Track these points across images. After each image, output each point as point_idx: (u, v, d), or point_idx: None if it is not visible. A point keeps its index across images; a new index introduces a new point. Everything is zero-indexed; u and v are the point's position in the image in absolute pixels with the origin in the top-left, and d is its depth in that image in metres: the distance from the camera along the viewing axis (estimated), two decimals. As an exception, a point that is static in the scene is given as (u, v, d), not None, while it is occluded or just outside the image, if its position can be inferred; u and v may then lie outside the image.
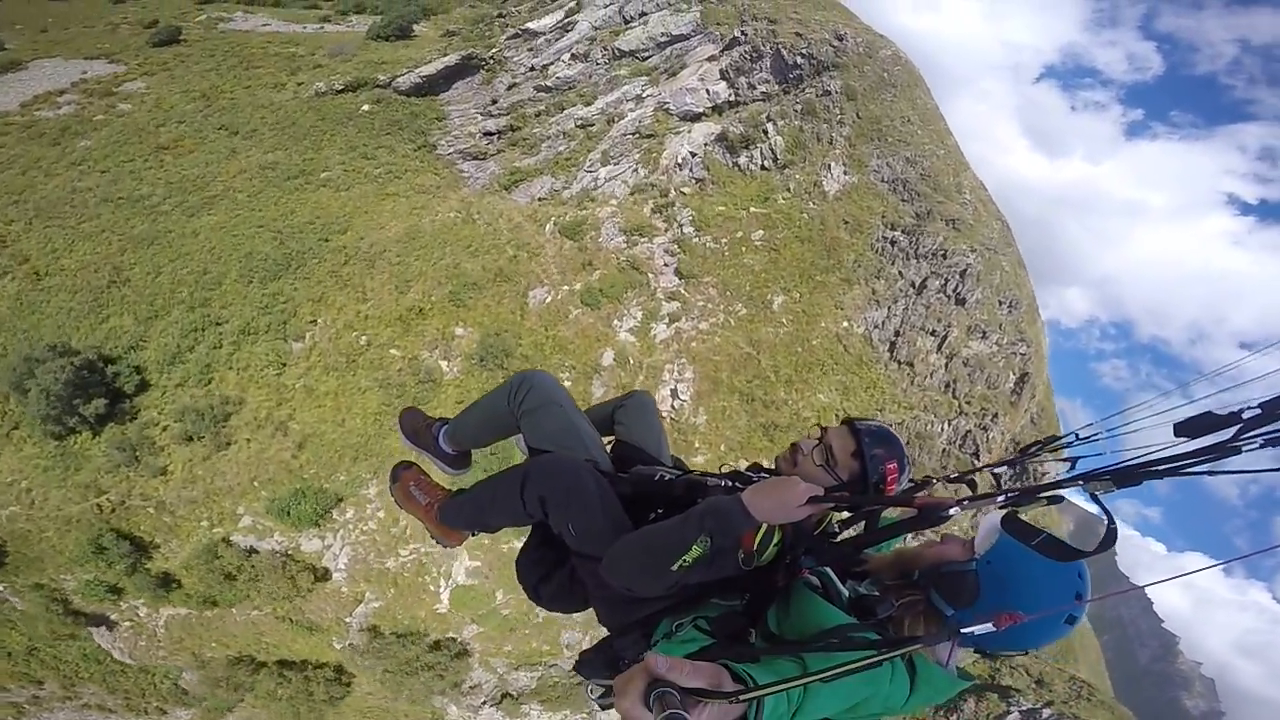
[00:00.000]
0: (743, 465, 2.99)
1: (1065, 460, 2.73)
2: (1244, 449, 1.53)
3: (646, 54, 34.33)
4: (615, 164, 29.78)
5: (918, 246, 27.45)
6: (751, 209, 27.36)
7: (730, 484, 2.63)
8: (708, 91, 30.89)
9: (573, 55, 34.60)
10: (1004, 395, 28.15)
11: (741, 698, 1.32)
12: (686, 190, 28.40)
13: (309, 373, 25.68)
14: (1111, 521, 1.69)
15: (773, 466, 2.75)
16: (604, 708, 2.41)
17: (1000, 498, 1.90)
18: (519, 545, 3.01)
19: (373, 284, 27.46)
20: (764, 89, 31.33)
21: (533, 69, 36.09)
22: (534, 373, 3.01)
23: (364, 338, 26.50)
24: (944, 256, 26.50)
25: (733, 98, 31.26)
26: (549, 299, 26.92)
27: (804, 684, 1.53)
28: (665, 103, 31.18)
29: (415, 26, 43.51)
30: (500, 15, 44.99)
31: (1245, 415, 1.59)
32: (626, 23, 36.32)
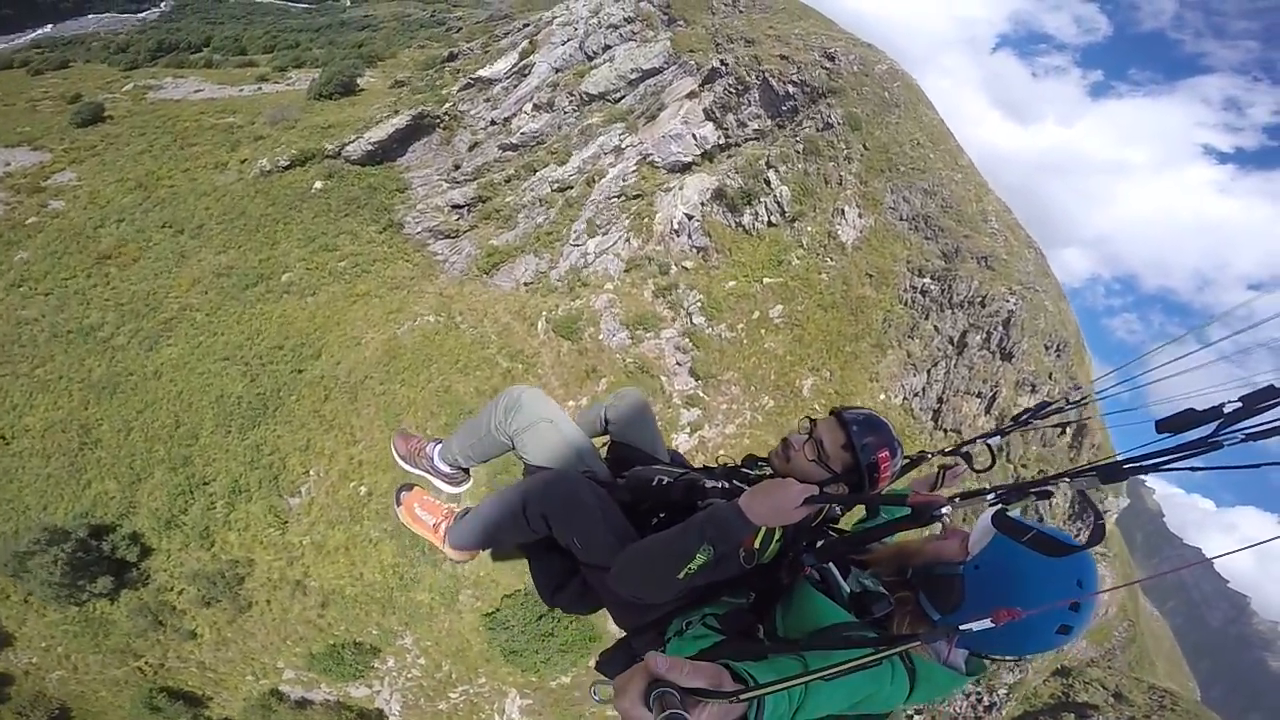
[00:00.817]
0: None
1: (1058, 425, 1.94)
2: (1225, 444, 1.37)
3: (618, 94, 28.07)
4: (604, 233, 24.24)
5: (951, 294, 22.60)
6: (765, 280, 22.15)
7: (727, 484, 2.36)
8: (694, 136, 25.09)
9: (536, 105, 28.28)
10: (1062, 452, 23.86)
11: (741, 697, 1.18)
12: (689, 264, 23.07)
13: (313, 528, 21.69)
14: (1099, 517, 1.66)
15: (764, 457, 2.54)
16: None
17: (991, 495, 1.71)
18: (566, 680, 7.65)
19: (360, 421, 22.56)
20: (756, 125, 25.56)
21: (493, 123, 29.74)
22: (520, 389, 2.69)
23: (363, 488, 22.01)
24: (982, 304, 21.71)
25: (723, 140, 25.51)
26: None
27: (804, 683, 1.35)
28: (648, 154, 25.35)
29: (360, 79, 36.27)
30: (451, 58, 37.82)
31: (1226, 410, 1.42)
32: (590, 59, 29.80)
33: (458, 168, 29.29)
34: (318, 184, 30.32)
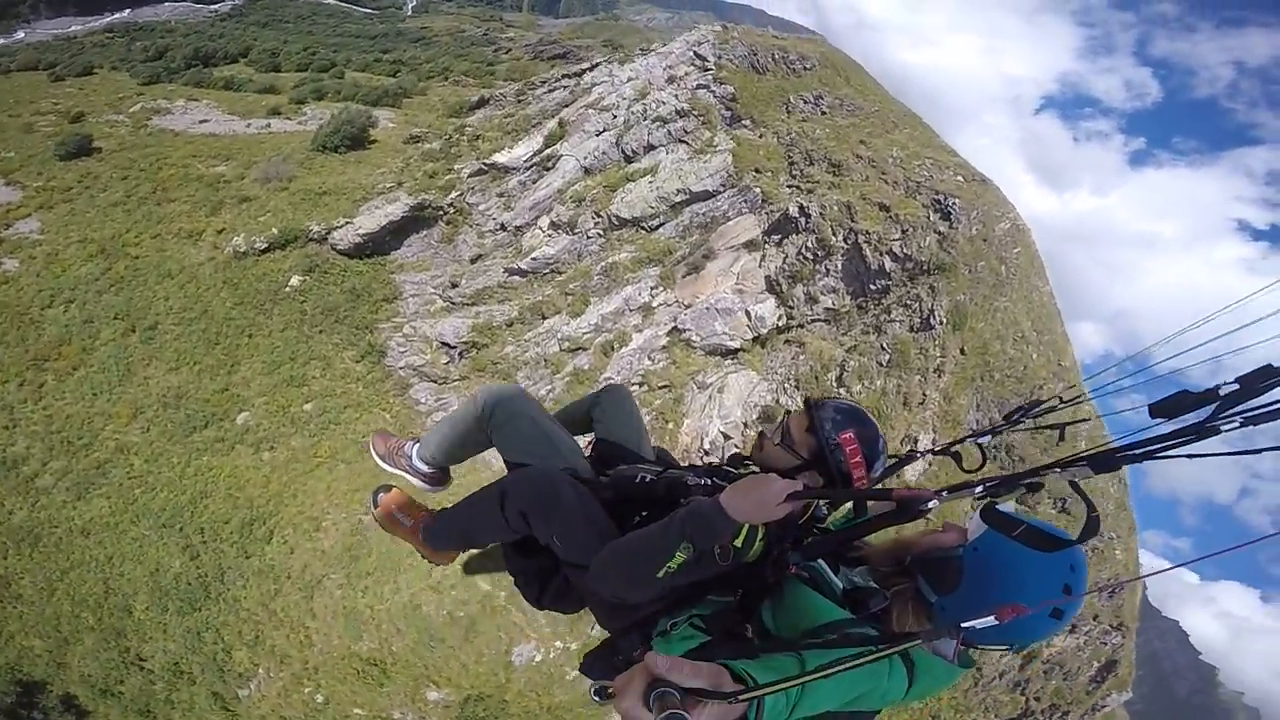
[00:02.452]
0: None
1: (1053, 427, 2.06)
2: (1223, 429, 1.07)
3: (655, 221, 17.83)
4: (617, 432, 14.52)
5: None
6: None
7: (710, 482, 1.96)
8: (749, 314, 15.48)
9: (554, 223, 18.10)
10: (1081, 686, 17.44)
11: (741, 697, 1.01)
12: (724, 516, 13.68)
13: (266, 720, 14.04)
14: (1092, 509, 1.32)
15: (749, 456, 2.12)
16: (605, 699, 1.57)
17: (980, 488, 1.40)
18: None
19: (316, 624, 15.66)
20: (830, 302, 15.66)
21: (503, 228, 19.98)
22: (500, 386, 2.46)
23: (320, 695, 15.11)
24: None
25: (783, 320, 15.38)
26: (539, 658, 14.23)
27: (805, 682, 1.15)
28: (685, 328, 15.75)
29: (374, 129, 25.87)
30: (481, 103, 27.40)
31: (1222, 392, 1.12)
32: (628, 160, 19.38)
33: (455, 285, 19.61)
34: (295, 279, 21.14)
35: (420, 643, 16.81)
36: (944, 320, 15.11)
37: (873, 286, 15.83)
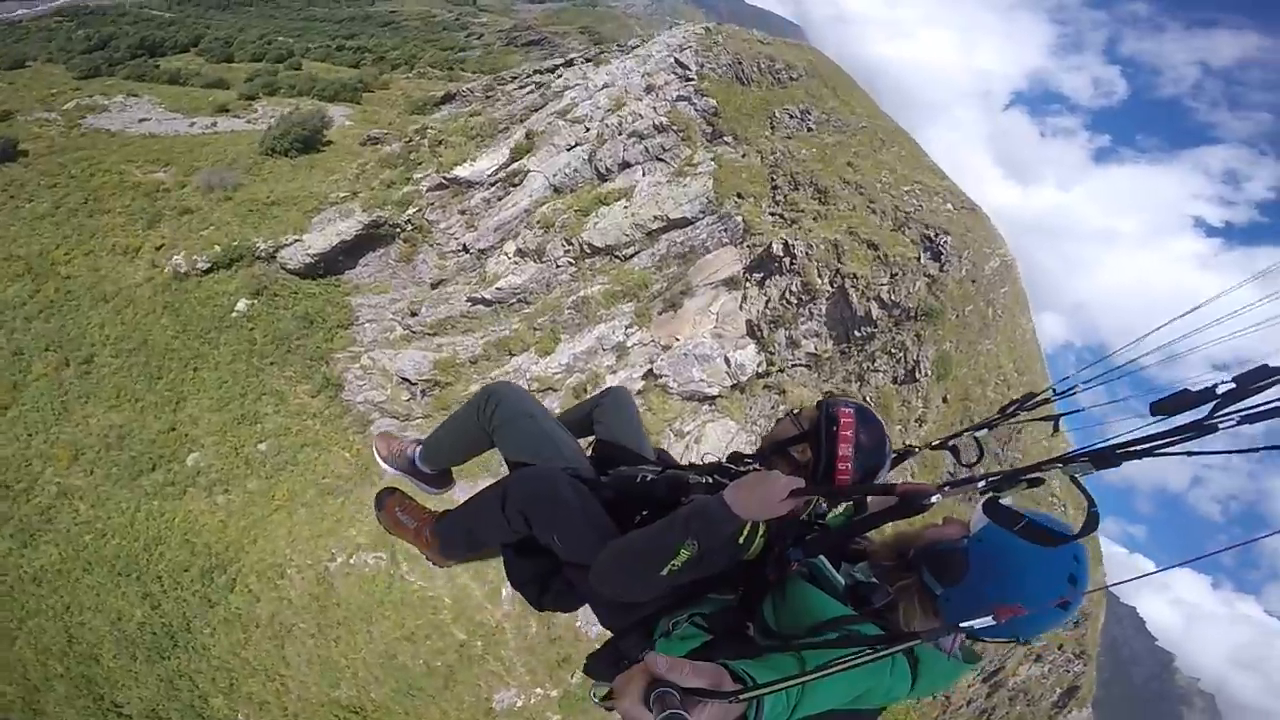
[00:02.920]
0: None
1: (1048, 419, 2.09)
2: (1220, 426, 1.09)
3: (630, 250, 16.42)
4: (589, 482, 13.47)
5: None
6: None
7: (712, 479, 1.94)
8: (728, 361, 14.29)
9: (520, 250, 16.53)
10: (1043, 711, 17.68)
11: (741, 697, 1.00)
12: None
13: (253, 763, 13.63)
14: (1093, 505, 1.25)
15: (750, 455, 2.09)
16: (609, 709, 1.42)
17: (982, 482, 1.31)
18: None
19: (290, 672, 15.17)
20: (812, 347, 14.38)
21: (465, 250, 18.36)
22: (501, 385, 2.17)
23: None
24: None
25: (763, 366, 14.23)
26: (519, 704, 15.35)
27: (803, 682, 1.13)
28: (662, 373, 14.41)
29: (328, 130, 23.37)
30: (448, 98, 25.28)
31: (1219, 390, 1.14)
32: (601, 178, 17.68)
33: (414, 314, 17.98)
34: (241, 303, 19.24)
35: (399, 691, 15.99)
36: (929, 371, 14.04)
37: (857, 333, 14.61)
